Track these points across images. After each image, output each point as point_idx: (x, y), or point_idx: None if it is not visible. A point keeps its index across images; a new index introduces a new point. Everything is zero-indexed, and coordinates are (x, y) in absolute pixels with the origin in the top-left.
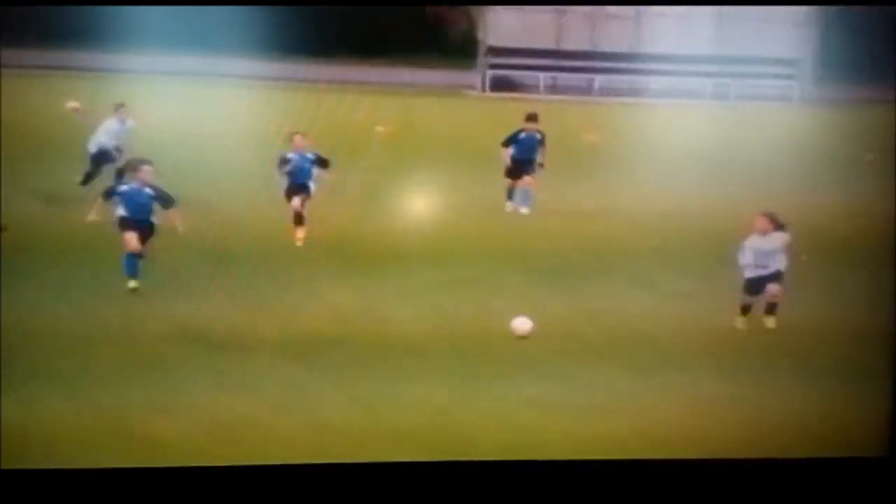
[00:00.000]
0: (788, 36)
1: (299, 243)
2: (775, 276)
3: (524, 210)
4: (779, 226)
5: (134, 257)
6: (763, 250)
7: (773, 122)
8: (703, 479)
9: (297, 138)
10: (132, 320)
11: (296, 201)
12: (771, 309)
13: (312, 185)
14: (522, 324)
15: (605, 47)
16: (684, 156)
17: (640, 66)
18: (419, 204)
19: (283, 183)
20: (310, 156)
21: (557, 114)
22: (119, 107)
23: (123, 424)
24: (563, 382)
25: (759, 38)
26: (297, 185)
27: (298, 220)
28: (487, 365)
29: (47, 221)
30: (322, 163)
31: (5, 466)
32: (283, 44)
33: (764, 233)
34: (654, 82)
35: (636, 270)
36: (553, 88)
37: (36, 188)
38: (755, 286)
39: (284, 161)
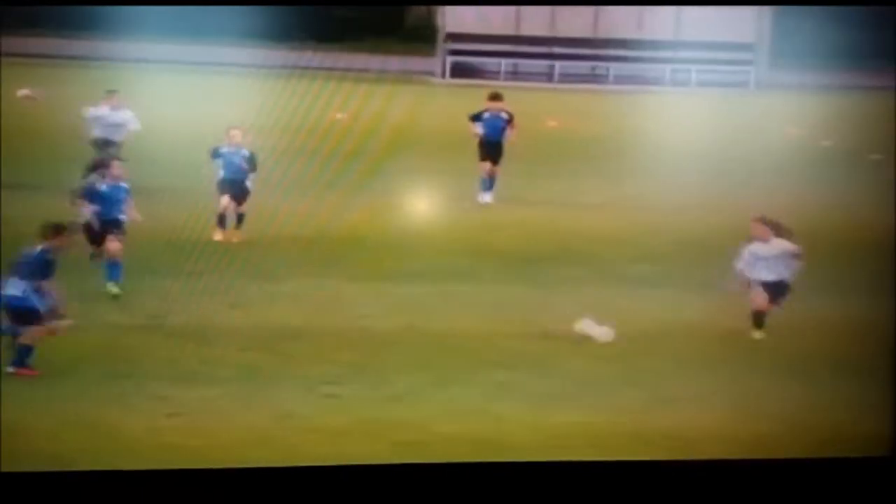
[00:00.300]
0: (745, 21)
1: (218, 238)
2: (778, 286)
3: (487, 199)
4: (779, 231)
5: (117, 263)
6: (769, 256)
7: (731, 108)
8: (704, 480)
9: (235, 133)
10: (119, 318)
11: (224, 200)
12: (758, 319)
13: (249, 185)
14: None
15: (565, 33)
16: (648, 144)
17: (599, 52)
18: (381, 193)
19: (217, 175)
20: (244, 153)
21: (519, 100)
22: (110, 92)
23: (111, 423)
24: (535, 377)
25: (717, 23)
26: (228, 181)
27: (221, 221)
28: (456, 359)
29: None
30: (251, 164)
31: (5, 469)
32: (240, 29)
33: (765, 239)
34: (614, 69)
35: (605, 262)
36: (514, 75)
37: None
38: (756, 289)
39: (216, 155)
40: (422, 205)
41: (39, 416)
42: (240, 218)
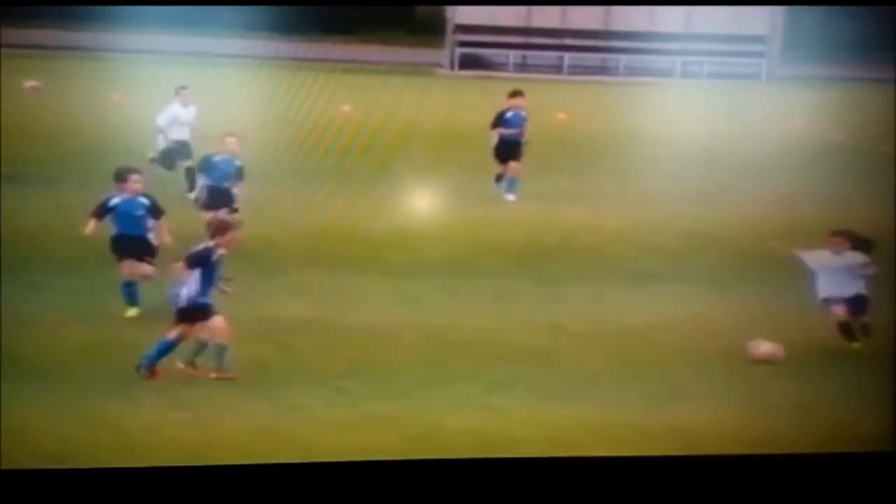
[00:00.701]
0: (757, 13)
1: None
2: (855, 302)
3: (511, 197)
4: (858, 244)
5: (132, 285)
6: (837, 268)
7: (742, 101)
8: (706, 476)
9: (231, 140)
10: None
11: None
12: (865, 330)
13: (235, 192)
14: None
15: (576, 25)
16: (658, 137)
17: (610, 43)
18: (388, 186)
19: (202, 186)
20: (237, 163)
21: (528, 92)
22: (180, 89)
23: (115, 418)
24: (542, 372)
25: (729, 15)
26: (218, 192)
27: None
28: (463, 353)
29: (50, 220)
30: (240, 174)
31: (5, 467)
32: (247, 21)
33: (837, 251)
34: (624, 60)
35: (612, 256)
36: (523, 67)
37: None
38: (831, 305)
39: (208, 164)
40: (428, 199)
41: (43, 412)
42: None
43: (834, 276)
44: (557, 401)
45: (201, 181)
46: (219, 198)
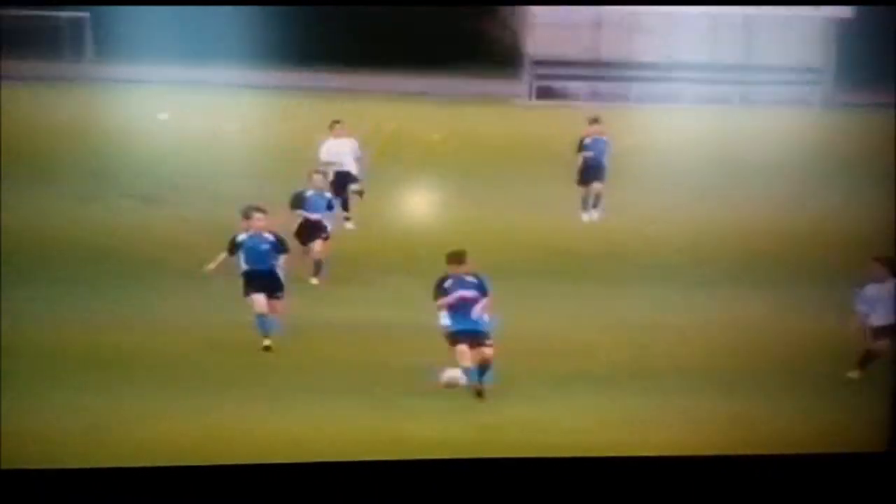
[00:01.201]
0: (810, 43)
1: (315, 281)
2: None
3: (594, 216)
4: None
5: (264, 317)
6: (883, 297)
7: (797, 127)
8: (702, 475)
9: (317, 178)
10: (131, 320)
11: (316, 246)
12: (865, 360)
13: (328, 225)
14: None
15: (641, 57)
16: (711, 160)
17: (671, 74)
18: (479, 209)
19: (298, 220)
20: (327, 195)
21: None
22: (334, 123)
23: (119, 423)
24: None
25: (783, 45)
26: (312, 224)
27: (317, 268)
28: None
29: (49, 223)
30: (329, 206)
31: (5, 466)
32: (338, 55)
33: (881, 280)
34: (686, 89)
35: (668, 273)
36: (594, 96)
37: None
38: (879, 335)
39: (302, 199)
40: (518, 220)
41: (43, 412)
42: (318, 265)
43: (883, 304)
44: (592, 394)
45: (297, 216)
46: (313, 229)
